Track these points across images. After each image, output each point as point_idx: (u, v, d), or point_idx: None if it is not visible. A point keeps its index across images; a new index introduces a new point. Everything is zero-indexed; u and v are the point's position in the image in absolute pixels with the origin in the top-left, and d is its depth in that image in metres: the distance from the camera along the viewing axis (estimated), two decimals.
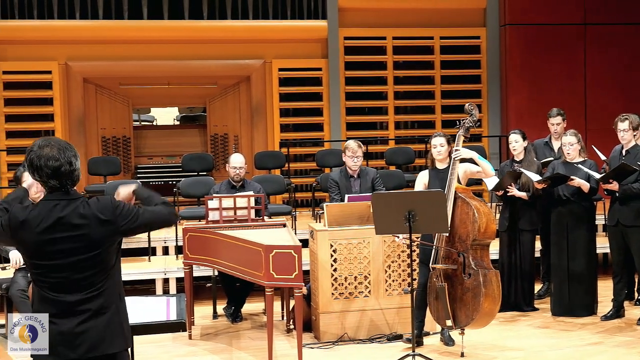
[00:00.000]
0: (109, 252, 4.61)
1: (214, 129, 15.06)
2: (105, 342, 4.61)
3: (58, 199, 4.53)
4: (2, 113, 14.12)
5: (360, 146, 10.26)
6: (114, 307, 4.66)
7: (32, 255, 4.55)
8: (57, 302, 4.56)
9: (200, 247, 9.27)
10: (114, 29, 14.41)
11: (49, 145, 4.54)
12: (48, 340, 4.65)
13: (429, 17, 15.41)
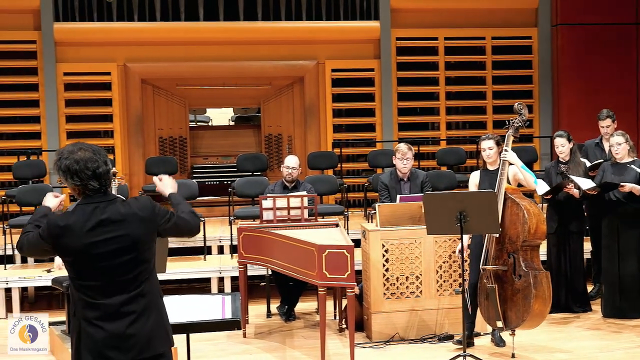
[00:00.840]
0: (149, 251, 4.64)
1: (268, 130, 15.10)
2: (153, 342, 4.63)
3: (97, 202, 4.56)
4: (63, 114, 14.25)
5: (410, 149, 10.21)
6: (157, 306, 4.68)
7: (76, 260, 4.54)
8: (104, 306, 4.54)
9: (254, 246, 9.31)
10: (171, 30, 14.50)
11: (81, 149, 4.58)
12: (95, 345, 4.57)
13: (481, 18, 15.31)
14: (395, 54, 15.06)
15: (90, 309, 4.56)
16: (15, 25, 14.18)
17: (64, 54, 14.30)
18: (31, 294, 11.68)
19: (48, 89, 14.13)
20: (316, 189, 11.32)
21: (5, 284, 10.73)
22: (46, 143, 14.13)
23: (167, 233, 4.79)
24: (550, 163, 10.56)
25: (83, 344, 4.58)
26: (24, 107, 14.30)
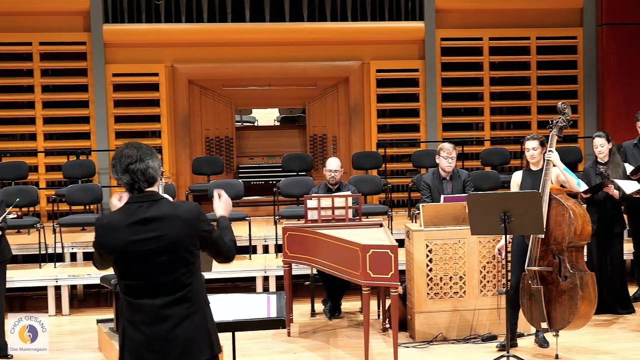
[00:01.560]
0: (191, 254, 4.58)
1: (313, 130, 15.10)
2: (193, 348, 4.57)
3: (141, 201, 4.55)
4: (112, 114, 14.35)
5: (454, 148, 10.17)
6: (201, 312, 4.62)
7: (118, 259, 4.54)
8: (144, 308, 4.53)
9: (299, 245, 9.30)
10: (217, 31, 14.54)
11: (129, 147, 4.61)
12: (134, 347, 4.56)
13: (526, 18, 15.19)
14: (440, 55, 15.00)
15: (131, 310, 4.57)
16: (66, 27, 14.31)
17: (113, 55, 14.40)
18: (80, 292, 11.76)
19: (97, 90, 14.24)
20: (360, 189, 11.29)
21: (55, 281, 10.81)
22: (95, 143, 14.24)
23: (208, 244, 4.70)
24: (588, 164, 10.41)
25: (125, 345, 4.59)
26: (74, 108, 14.42)
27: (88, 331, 9.73)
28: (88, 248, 11.81)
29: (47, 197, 13.72)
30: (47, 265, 11.39)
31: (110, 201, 5.03)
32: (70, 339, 9.72)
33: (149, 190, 4.61)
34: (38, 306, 11.25)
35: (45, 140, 14.35)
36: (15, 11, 14.07)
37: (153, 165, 4.60)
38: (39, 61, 14.31)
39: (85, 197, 12.38)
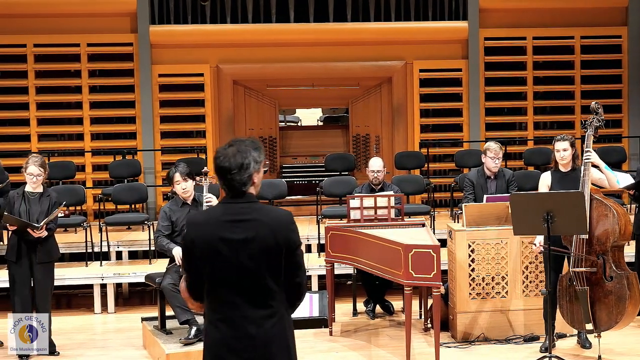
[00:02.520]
0: (277, 262, 4.45)
1: (356, 130, 15.05)
2: (273, 352, 4.46)
3: (233, 202, 4.49)
4: (158, 114, 14.41)
5: (501, 148, 10.13)
6: (282, 318, 4.50)
7: (209, 256, 4.46)
8: (226, 308, 4.44)
9: (341, 245, 9.25)
10: (262, 32, 14.55)
11: (232, 145, 4.51)
12: (214, 347, 4.49)
13: (570, 17, 15.03)
14: (483, 54, 14.89)
15: (213, 310, 4.49)
16: (113, 28, 14.41)
17: (159, 55, 14.47)
18: (125, 290, 11.82)
19: (144, 90, 14.31)
20: (403, 189, 11.23)
21: (101, 280, 10.88)
22: (141, 143, 14.31)
23: (288, 258, 4.49)
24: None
25: (206, 343, 4.53)
26: (121, 108, 14.51)
27: (133, 329, 9.77)
28: (133, 247, 11.90)
29: (93, 196, 13.84)
30: (93, 264, 11.44)
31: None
32: (116, 337, 9.77)
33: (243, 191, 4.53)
34: (84, 304, 11.35)
35: (93, 140, 14.46)
36: (63, 13, 14.19)
37: (247, 163, 4.47)
38: (87, 62, 14.42)
39: (131, 197, 12.43)
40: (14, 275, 8.57)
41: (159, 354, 8.30)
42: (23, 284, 8.58)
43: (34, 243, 8.53)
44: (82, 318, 10.74)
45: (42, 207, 8.58)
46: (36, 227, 8.37)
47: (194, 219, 4.61)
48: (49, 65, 14.40)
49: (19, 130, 14.32)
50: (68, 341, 9.31)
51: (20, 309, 8.55)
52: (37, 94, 14.32)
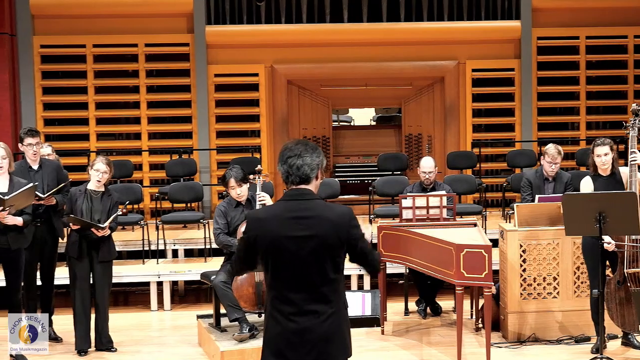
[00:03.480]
0: (338, 257, 4.55)
1: (408, 129, 15.02)
2: (331, 347, 4.55)
3: (296, 199, 4.56)
4: (213, 114, 14.49)
5: (560, 153, 10.06)
6: (341, 313, 4.60)
7: (271, 252, 4.54)
8: (287, 302, 4.52)
9: (393, 244, 9.24)
10: (316, 32, 14.57)
11: (299, 144, 4.62)
12: (274, 340, 4.57)
13: (623, 16, 14.86)
14: (536, 54, 14.77)
15: (275, 304, 4.56)
16: (170, 28, 14.50)
17: (214, 56, 14.54)
18: (181, 288, 11.92)
19: (199, 90, 14.39)
20: (455, 189, 11.20)
21: (157, 277, 10.97)
22: (197, 142, 14.39)
23: (352, 251, 4.65)
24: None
25: (266, 337, 4.61)
26: (177, 108, 14.61)
27: (188, 326, 9.83)
28: (189, 245, 11.98)
29: (150, 195, 13.95)
30: (150, 262, 11.55)
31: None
32: (172, 334, 9.85)
33: (303, 187, 4.60)
34: (141, 301, 11.47)
35: (150, 139, 14.58)
36: (122, 14, 14.32)
37: (310, 163, 4.58)
38: (144, 62, 14.52)
39: (187, 195, 12.52)
40: (75, 272, 8.68)
41: (214, 351, 8.35)
42: (83, 280, 8.69)
43: (95, 242, 8.63)
44: (139, 315, 10.85)
45: (104, 206, 8.67)
46: (101, 227, 8.48)
47: (256, 214, 4.69)
48: (108, 66, 14.53)
49: (78, 130, 14.48)
50: (125, 338, 9.40)
51: (80, 305, 8.68)
52: (96, 94, 14.46)
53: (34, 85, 14.29)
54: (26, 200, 8.26)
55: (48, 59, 14.43)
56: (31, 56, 14.25)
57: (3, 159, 8.24)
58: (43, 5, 14.17)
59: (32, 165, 9.03)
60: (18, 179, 8.37)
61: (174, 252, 11.95)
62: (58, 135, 14.39)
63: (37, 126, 13.37)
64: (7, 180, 8.29)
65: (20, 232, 8.35)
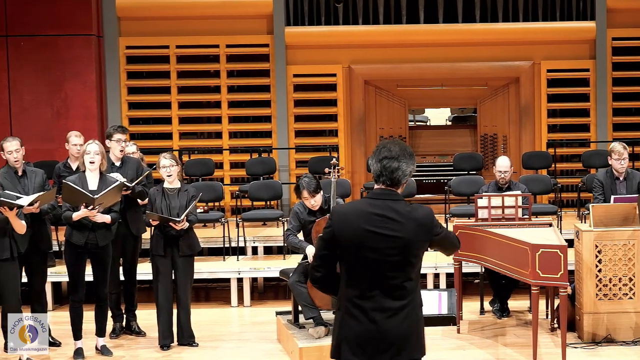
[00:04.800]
0: (417, 257, 4.52)
1: (483, 129, 14.90)
2: (408, 345, 4.51)
3: (382, 198, 4.53)
4: (292, 114, 14.54)
5: (625, 148, 9.93)
6: (417, 312, 4.57)
7: (348, 248, 4.52)
8: (366, 299, 4.48)
9: (469, 244, 9.15)
10: (393, 33, 14.52)
11: (394, 143, 4.60)
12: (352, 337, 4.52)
13: None
14: (611, 54, 14.54)
15: (353, 300, 4.53)
16: (250, 29, 14.57)
17: (293, 56, 14.58)
18: (260, 285, 11.94)
19: (279, 90, 14.45)
20: (530, 189, 11.07)
21: (237, 274, 11.02)
22: (276, 141, 14.45)
23: (436, 243, 4.67)
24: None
25: (342, 333, 4.56)
26: (257, 107, 14.68)
27: (267, 322, 9.86)
28: (268, 242, 12.03)
29: (231, 193, 14.02)
30: (230, 258, 11.60)
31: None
32: (251, 330, 9.89)
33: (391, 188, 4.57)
34: (221, 297, 11.53)
35: (230, 138, 14.68)
36: (204, 15, 14.43)
37: (404, 169, 4.53)
38: (225, 63, 14.62)
39: (267, 193, 12.58)
40: (158, 267, 8.78)
41: (293, 347, 8.37)
42: (166, 276, 8.79)
43: (176, 237, 8.71)
44: (220, 311, 10.92)
45: (181, 202, 8.75)
46: (177, 220, 8.55)
47: (341, 209, 4.68)
48: (190, 66, 14.66)
49: (161, 129, 14.66)
50: (206, 333, 9.47)
51: (162, 300, 8.78)
52: (179, 94, 14.61)
53: (120, 85, 14.49)
54: (114, 198, 8.39)
55: (133, 59, 14.62)
56: (117, 57, 14.45)
57: (96, 154, 8.36)
58: (129, 8, 14.36)
59: (114, 162, 9.16)
60: (108, 177, 8.51)
61: (254, 249, 12.00)
62: (142, 134, 14.57)
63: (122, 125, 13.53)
64: (97, 178, 8.42)
65: (108, 229, 8.51)
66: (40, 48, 14.01)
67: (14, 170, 8.72)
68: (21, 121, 13.92)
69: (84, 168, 8.44)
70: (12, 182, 8.60)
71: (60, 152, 12.54)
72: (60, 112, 14.07)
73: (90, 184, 8.36)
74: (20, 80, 14.02)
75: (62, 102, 14.07)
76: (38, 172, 8.90)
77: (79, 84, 14.08)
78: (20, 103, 14.03)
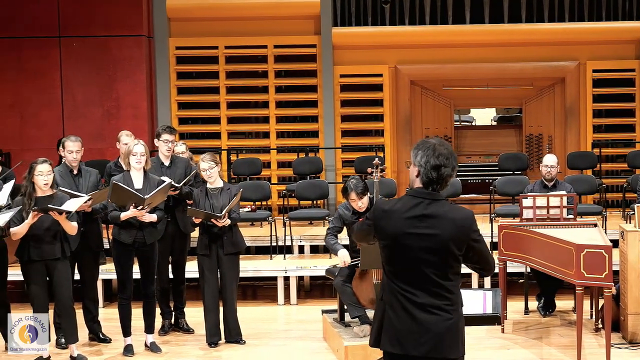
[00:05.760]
0: (455, 257, 4.50)
1: (529, 130, 14.81)
2: (445, 345, 4.51)
3: (423, 197, 4.53)
4: (338, 114, 14.55)
5: None
6: (457, 311, 4.56)
7: (389, 245, 4.55)
8: (407, 296, 4.50)
9: (514, 243, 9.14)
10: (439, 33, 14.51)
11: (443, 145, 4.58)
12: (394, 332, 4.55)
13: None
14: None
15: (394, 297, 4.55)
16: (298, 30, 14.62)
17: (340, 57, 14.59)
18: (307, 283, 11.96)
19: (326, 90, 14.47)
20: (575, 189, 10.99)
21: (284, 272, 11.04)
22: (323, 141, 14.48)
23: (469, 252, 4.59)
24: None
25: (384, 329, 4.59)
26: (304, 107, 14.73)
27: (313, 321, 9.85)
28: (315, 241, 12.02)
29: (278, 192, 14.06)
30: (277, 257, 11.63)
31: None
32: (297, 328, 9.89)
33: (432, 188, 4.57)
34: (268, 295, 11.54)
35: (278, 138, 14.73)
36: (252, 16, 14.49)
37: (450, 173, 4.54)
38: (273, 63, 14.68)
39: (313, 193, 12.61)
40: (203, 266, 8.82)
41: (338, 345, 8.39)
42: (211, 274, 8.81)
43: (221, 236, 8.74)
44: (266, 309, 10.94)
45: (224, 201, 8.75)
46: (218, 216, 8.59)
47: (383, 205, 4.68)
48: (239, 66, 14.74)
49: (210, 128, 14.75)
50: (253, 331, 9.47)
51: (209, 298, 8.80)
52: (228, 94, 14.69)
53: (170, 86, 14.60)
54: (161, 198, 8.49)
55: (183, 60, 14.72)
56: (167, 57, 14.56)
57: (142, 156, 8.47)
58: (178, 9, 14.46)
59: (164, 162, 9.24)
60: (152, 176, 8.60)
61: (300, 248, 12.00)
62: (191, 133, 14.67)
63: (172, 125, 13.63)
64: (142, 176, 8.53)
65: (154, 227, 8.60)
66: (92, 48, 14.17)
67: (70, 168, 8.86)
68: (73, 121, 14.07)
69: (128, 168, 8.54)
70: (67, 180, 8.75)
71: (111, 151, 12.72)
72: (111, 112, 14.21)
73: (136, 183, 8.46)
74: (73, 80, 14.19)
75: (113, 101, 14.22)
76: (93, 172, 9.03)
77: (129, 84, 14.22)
78: (73, 103, 14.20)
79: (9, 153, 13.81)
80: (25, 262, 8.06)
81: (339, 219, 8.77)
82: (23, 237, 7.97)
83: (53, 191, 8.07)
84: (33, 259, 8.00)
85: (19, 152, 13.62)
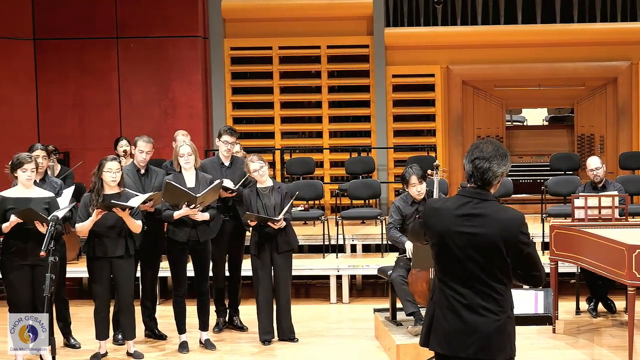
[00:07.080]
0: (504, 259, 4.44)
1: (580, 130, 14.68)
2: (493, 346, 4.47)
3: (472, 197, 4.53)
4: (391, 113, 14.55)
5: None
6: (507, 314, 4.50)
7: (438, 243, 4.56)
8: (456, 296, 4.49)
9: (565, 244, 9.08)
10: (490, 33, 14.43)
11: (487, 143, 4.59)
12: (442, 332, 4.54)
13: None
14: None
15: (444, 296, 4.55)
16: (351, 31, 14.63)
17: (392, 57, 14.59)
18: (359, 282, 11.96)
19: (378, 90, 14.47)
20: (627, 189, 10.89)
21: (336, 271, 11.08)
22: (375, 141, 14.47)
23: (517, 257, 4.49)
24: None
25: (433, 328, 4.59)
26: (357, 107, 14.75)
27: (365, 319, 9.84)
28: (367, 240, 12.05)
29: (330, 192, 14.10)
30: (329, 256, 11.65)
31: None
32: (349, 327, 9.92)
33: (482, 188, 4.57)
34: (320, 294, 11.60)
35: (330, 137, 14.77)
36: (306, 17, 14.54)
37: (496, 170, 4.51)
38: (326, 63, 14.72)
39: (365, 192, 12.62)
40: (257, 266, 8.87)
41: (390, 344, 8.39)
42: (265, 272, 8.86)
43: (273, 234, 8.78)
44: (319, 307, 10.98)
45: (275, 200, 8.81)
46: (275, 219, 8.64)
47: (434, 203, 4.73)
48: (292, 67, 14.80)
49: (264, 128, 14.82)
50: (306, 329, 9.53)
51: (262, 296, 8.87)
52: (281, 94, 14.75)
53: (224, 86, 14.69)
54: (213, 196, 8.57)
55: (237, 60, 14.81)
56: (222, 58, 14.66)
57: (189, 156, 8.59)
58: (233, 10, 14.55)
59: (224, 162, 9.30)
60: (203, 174, 8.70)
61: (352, 247, 12.02)
62: (245, 133, 14.75)
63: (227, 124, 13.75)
64: (194, 175, 8.64)
65: (208, 225, 8.71)
66: (149, 49, 14.31)
67: (137, 168, 9.00)
68: (130, 121, 14.22)
69: (179, 168, 8.65)
70: (134, 179, 8.88)
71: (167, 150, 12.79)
72: (167, 112, 14.34)
73: (188, 182, 8.57)
74: (130, 80, 14.35)
75: (169, 101, 14.34)
76: (160, 172, 9.15)
77: (185, 84, 14.33)
78: (130, 103, 14.35)
79: (68, 152, 13.99)
80: (90, 258, 8.23)
81: (397, 211, 8.77)
82: (89, 233, 8.13)
83: (120, 189, 8.20)
84: (97, 256, 8.15)
85: (78, 151, 13.81)
